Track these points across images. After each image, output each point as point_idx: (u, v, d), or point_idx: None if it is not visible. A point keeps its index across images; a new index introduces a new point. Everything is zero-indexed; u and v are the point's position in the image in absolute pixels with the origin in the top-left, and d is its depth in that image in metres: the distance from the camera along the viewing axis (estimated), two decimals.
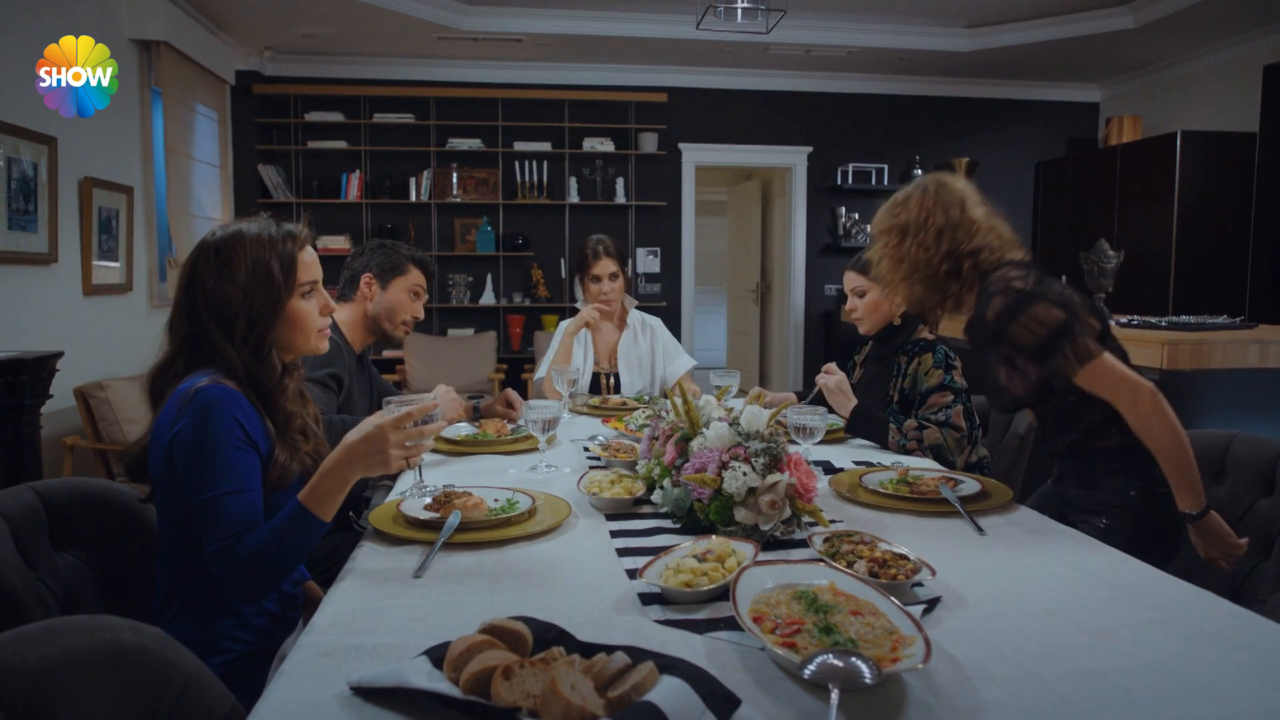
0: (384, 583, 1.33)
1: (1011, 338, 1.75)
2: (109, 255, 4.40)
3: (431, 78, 6.63)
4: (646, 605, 1.23)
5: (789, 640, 1.03)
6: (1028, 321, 1.71)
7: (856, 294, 2.55)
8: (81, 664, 0.94)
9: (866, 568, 1.28)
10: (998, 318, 1.75)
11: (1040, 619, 1.19)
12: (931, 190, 1.91)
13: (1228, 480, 1.91)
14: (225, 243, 1.46)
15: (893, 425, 2.29)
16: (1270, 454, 1.84)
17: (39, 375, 2.95)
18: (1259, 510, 1.83)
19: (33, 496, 1.50)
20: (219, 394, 1.34)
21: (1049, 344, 1.70)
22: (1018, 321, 1.72)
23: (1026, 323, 1.72)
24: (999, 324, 1.75)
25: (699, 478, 1.52)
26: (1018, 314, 1.72)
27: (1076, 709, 0.95)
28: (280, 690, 0.98)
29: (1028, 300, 1.72)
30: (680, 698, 0.89)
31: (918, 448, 2.25)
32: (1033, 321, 1.71)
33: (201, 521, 1.29)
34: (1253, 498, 1.85)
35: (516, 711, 0.86)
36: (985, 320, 1.78)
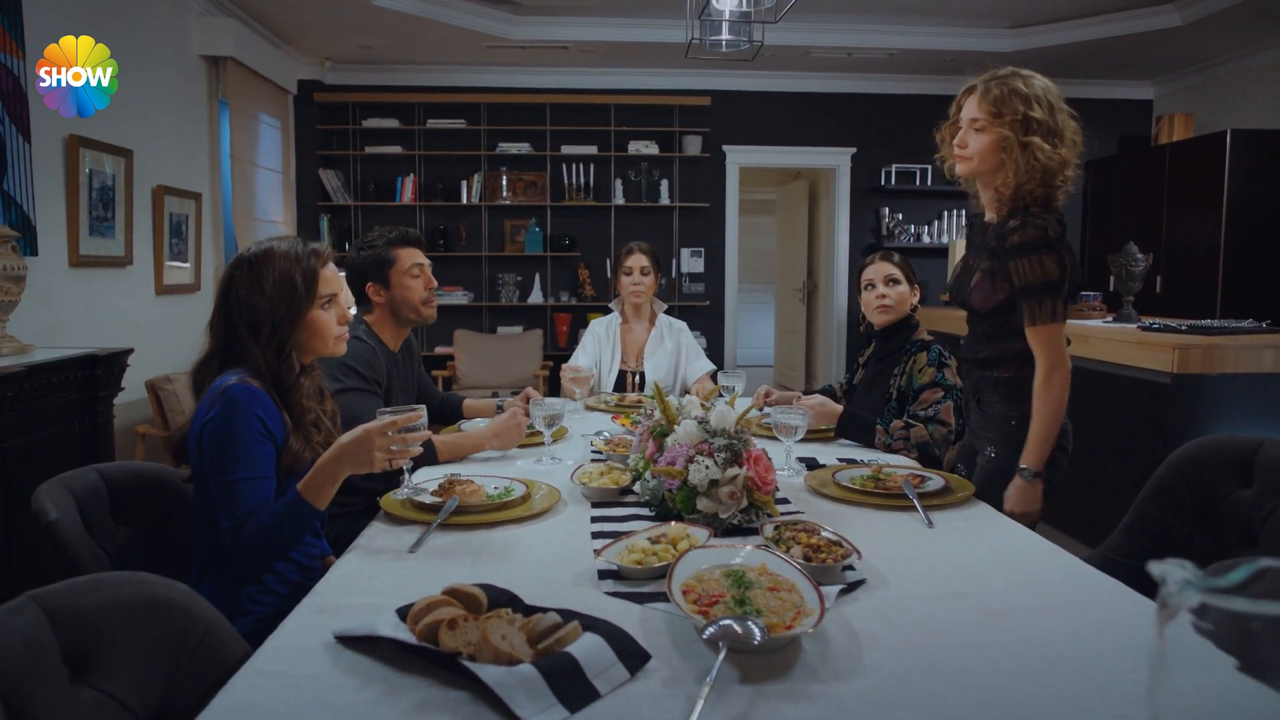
0: (383, 556, 1.54)
1: (1015, 264, 1.97)
2: (179, 257, 4.75)
3: (482, 84, 6.90)
4: (602, 580, 1.41)
5: (704, 609, 1.20)
6: (1035, 263, 1.94)
7: (891, 281, 2.68)
8: (122, 610, 1.16)
9: (802, 552, 1.44)
10: (1018, 245, 1.96)
11: (948, 600, 1.34)
12: (1068, 114, 2.02)
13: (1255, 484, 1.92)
14: (257, 258, 1.68)
15: (879, 427, 2.43)
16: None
17: (111, 369, 3.26)
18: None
19: (96, 477, 1.74)
20: (244, 392, 1.56)
21: (1035, 288, 1.95)
22: (1029, 258, 1.95)
23: (1034, 263, 1.94)
24: (1015, 249, 1.97)
25: (667, 470, 1.70)
26: (1032, 252, 1.95)
27: (942, 671, 1.10)
28: (279, 638, 1.19)
29: (1046, 247, 1.94)
30: (596, 650, 1.07)
31: (904, 446, 2.38)
32: (1038, 265, 1.94)
33: (219, 502, 1.52)
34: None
35: (458, 655, 1.05)
36: (1007, 237, 1.98)
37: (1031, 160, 1.95)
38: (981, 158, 2.04)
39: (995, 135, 2.00)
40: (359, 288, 2.58)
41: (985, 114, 2.01)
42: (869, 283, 2.72)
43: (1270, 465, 1.90)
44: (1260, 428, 3.32)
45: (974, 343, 2.17)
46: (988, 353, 2.11)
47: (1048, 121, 1.97)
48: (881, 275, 2.69)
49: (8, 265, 2.94)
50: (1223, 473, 1.93)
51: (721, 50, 2.72)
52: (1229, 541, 1.84)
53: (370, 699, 1.02)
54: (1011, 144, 1.97)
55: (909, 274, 2.69)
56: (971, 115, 2.05)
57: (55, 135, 3.66)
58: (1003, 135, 1.97)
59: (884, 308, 2.68)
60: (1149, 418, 3.33)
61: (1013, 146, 1.97)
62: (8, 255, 2.95)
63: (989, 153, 2.03)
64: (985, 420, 2.15)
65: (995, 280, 2.04)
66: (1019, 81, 1.99)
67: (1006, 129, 1.97)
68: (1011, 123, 1.97)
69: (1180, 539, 1.87)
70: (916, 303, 2.72)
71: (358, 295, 2.59)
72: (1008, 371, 2.08)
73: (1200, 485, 1.89)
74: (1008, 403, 2.08)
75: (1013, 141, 1.96)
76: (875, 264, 2.72)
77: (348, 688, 1.05)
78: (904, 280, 2.67)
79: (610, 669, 1.06)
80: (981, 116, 2.02)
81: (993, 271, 2.04)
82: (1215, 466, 1.93)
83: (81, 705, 1.07)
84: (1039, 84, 2.00)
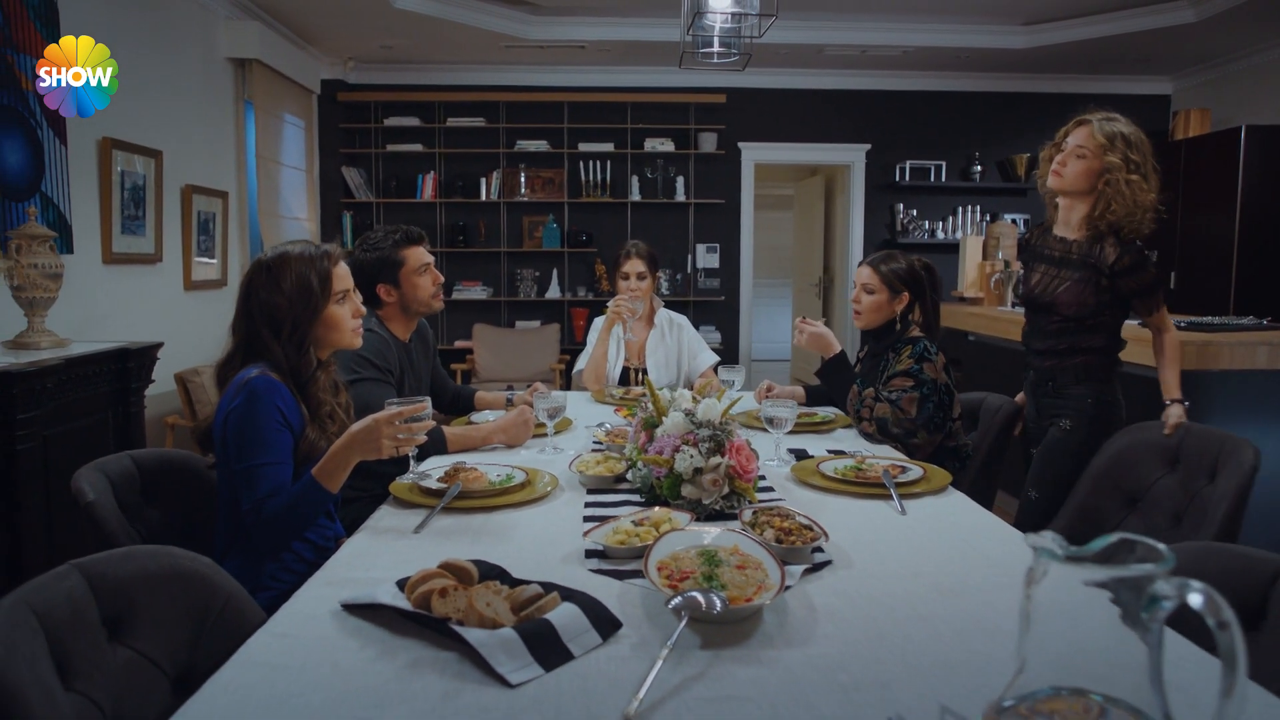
0: (389, 535, 1.67)
1: (1125, 280, 2.48)
2: (206, 253, 4.93)
3: (501, 83, 7.04)
4: (588, 559, 1.53)
5: (675, 584, 1.31)
6: (1144, 275, 2.49)
7: (866, 290, 2.78)
8: (153, 579, 1.30)
9: (774, 535, 1.55)
10: (1128, 267, 2.47)
11: (905, 580, 1.45)
12: (1152, 161, 2.50)
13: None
14: (274, 261, 1.82)
15: (856, 385, 2.57)
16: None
17: (142, 362, 3.42)
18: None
19: (130, 462, 1.89)
20: (265, 384, 1.70)
21: (1151, 288, 2.50)
22: (1138, 274, 2.48)
23: (1144, 275, 2.49)
24: (1125, 269, 2.47)
25: (655, 459, 1.81)
26: (1140, 270, 2.48)
27: (888, 640, 1.21)
28: (292, 606, 1.33)
29: (1148, 263, 2.51)
30: (571, 618, 1.19)
31: (869, 416, 2.54)
32: (1147, 275, 2.49)
33: (241, 486, 1.66)
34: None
35: (448, 620, 1.18)
36: (1116, 259, 2.47)
37: (1135, 194, 2.43)
38: (1074, 180, 2.51)
39: (1098, 164, 2.46)
40: (368, 288, 2.63)
41: (1094, 147, 2.46)
42: (854, 284, 2.84)
43: (1193, 452, 2.13)
44: (1253, 423, 3.37)
45: (1048, 337, 2.62)
46: (1067, 344, 2.57)
47: (1143, 164, 2.45)
48: (859, 282, 2.79)
49: (46, 264, 3.11)
50: (1151, 460, 2.17)
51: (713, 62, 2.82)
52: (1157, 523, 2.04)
53: (370, 657, 1.15)
54: (1116, 178, 2.43)
55: (891, 282, 2.73)
56: (1079, 143, 2.50)
57: (89, 138, 3.83)
58: (1107, 165, 2.44)
59: (856, 314, 2.81)
60: (1145, 414, 3.39)
61: (1118, 180, 2.43)
62: (46, 254, 3.12)
63: (1082, 178, 2.50)
64: (1062, 400, 2.60)
65: (1090, 289, 2.51)
66: (1124, 125, 2.48)
67: (1114, 160, 2.43)
68: (1119, 159, 2.43)
69: (1115, 523, 2.08)
70: (902, 309, 2.76)
71: (367, 295, 2.67)
72: (1088, 359, 2.56)
73: (1132, 472, 2.15)
74: (1085, 384, 2.56)
75: (1118, 176, 2.43)
76: (859, 268, 2.82)
77: (350, 648, 1.18)
78: (880, 289, 2.73)
79: (584, 634, 1.18)
80: (1089, 148, 2.47)
81: (1086, 281, 2.51)
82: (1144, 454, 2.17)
83: (118, 661, 1.21)
84: (1139, 134, 2.48)
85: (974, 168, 7.29)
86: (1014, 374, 2.92)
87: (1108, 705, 0.76)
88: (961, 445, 2.67)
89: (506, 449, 2.45)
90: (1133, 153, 2.43)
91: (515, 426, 2.49)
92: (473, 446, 2.44)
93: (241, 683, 1.09)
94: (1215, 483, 2.08)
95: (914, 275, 2.76)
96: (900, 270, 2.74)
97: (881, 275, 2.74)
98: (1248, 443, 2.06)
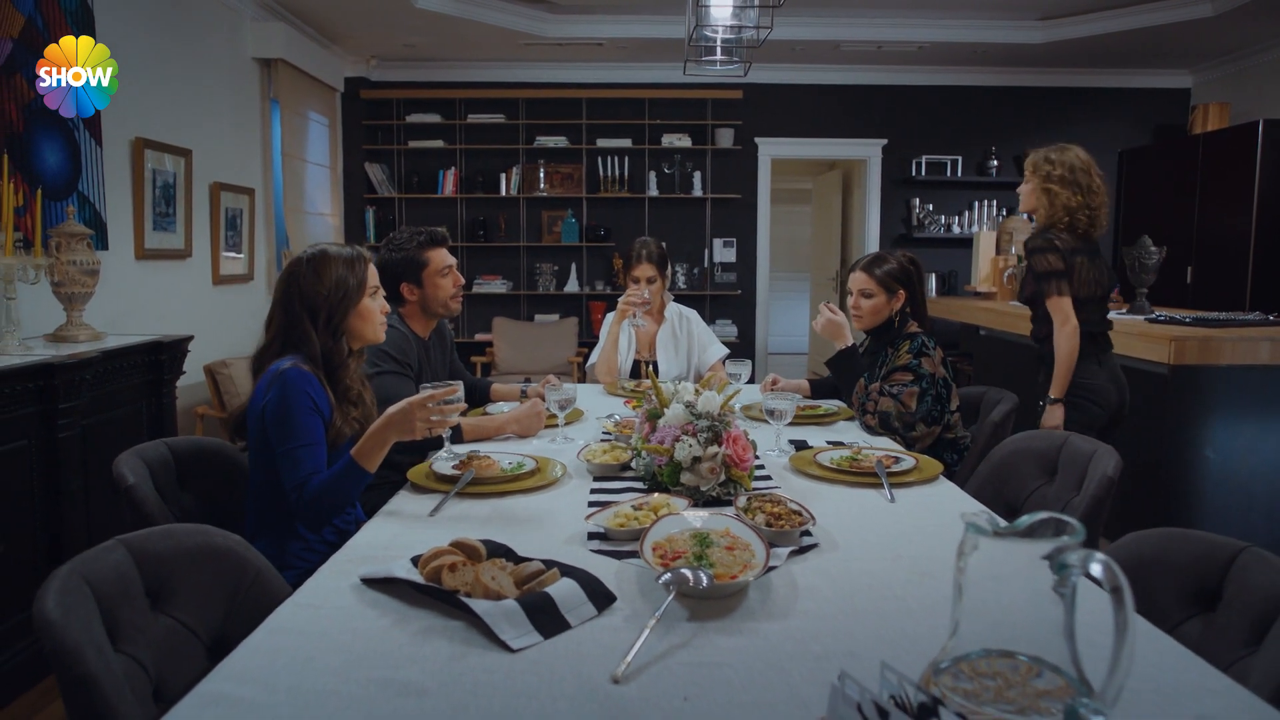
0: (406, 518, 1.79)
1: (1031, 263, 2.90)
2: (234, 249, 5.09)
3: (520, 80, 7.15)
4: (590, 540, 1.64)
5: (667, 562, 1.42)
6: (1038, 259, 2.86)
7: (864, 295, 2.86)
8: (190, 554, 1.42)
9: (764, 519, 1.65)
10: (1028, 250, 2.91)
11: (886, 562, 1.54)
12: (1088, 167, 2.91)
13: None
14: (315, 257, 1.97)
15: (863, 380, 2.69)
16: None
17: (174, 355, 3.57)
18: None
19: (165, 449, 2.03)
20: (297, 375, 1.83)
21: (1042, 275, 2.84)
22: (1032, 256, 2.88)
23: (1037, 260, 2.86)
24: (1028, 251, 2.92)
25: (656, 448, 1.92)
26: (1035, 253, 2.88)
27: (862, 616, 1.31)
28: (316, 580, 1.45)
29: (1046, 251, 2.85)
30: (569, 591, 1.30)
31: (873, 409, 2.62)
32: (1040, 261, 2.86)
33: (283, 467, 1.79)
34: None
35: (456, 592, 1.29)
36: (1026, 241, 2.94)
37: (1054, 201, 2.88)
38: (870, 314, 2.86)
39: (878, 297, 2.83)
40: (392, 286, 2.75)
41: (871, 284, 2.84)
42: (849, 291, 2.92)
43: (1068, 463, 2.15)
44: (1255, 418, 3.42)
45: (1036, 329, 3.04)
46: (1045, 331, 2.94)
47: (1067, 177, 2.87)
48: (856, 288, 2.88)
49: (83, 260, 3.26)
50: (1032, 470, 2.22)
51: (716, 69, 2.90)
52: None
53: (385, 625, 1.27)
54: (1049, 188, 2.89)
55: (887, 283, 2.81)
56: (859, 287, 2.88)
57: (123, 138, 3.98)
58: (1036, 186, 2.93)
59: (856, 318, 2.90)
60: (1148, 408, 3.46)
61: (1040, 193, 2.92)
62: (84, 251, 3.27)
63: (875, 309, 2.85)
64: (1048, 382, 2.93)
65: (1027, 277, 2.94)
66: (1051, 152, 2.93)
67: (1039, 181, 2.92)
68: (1042, 176, 2.92)
69: None
70: (900, 306, 2.84)
71: (391, 293, 2.80)
72: (1045, 348, 2.94)
73: (1013, 483, 2.23)
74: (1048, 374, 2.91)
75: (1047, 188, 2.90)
76: (854, 274, 2.90)
77: (368, 616, 1.30)
78: (877, 293, 2.82)
79: (580, 606, 1.29)
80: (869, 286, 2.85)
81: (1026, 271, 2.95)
82: (1026, 464, 2.22)
83: (160, 628, 1.34)
84: (1064, 156, 2.89)
85: (990, 163, 7.31)
86: (1025, 368, 3.07)
87: (1034, 664, 0.86)
88: (960, 437, 2.75)
89: (519, 439, 2.57)
90: (1054, 169, 2.90)
91: (528, 417, 2.60)
92: (487, 436, 2.55)
93: (270, 646, 1.21)
94: (1080, 493, 2.03)
95: (905, 272, 2.85)
96: (893, 270, 2.83)
97: (877, 278, 2.82)
98: (1112, 450, 2.01)
